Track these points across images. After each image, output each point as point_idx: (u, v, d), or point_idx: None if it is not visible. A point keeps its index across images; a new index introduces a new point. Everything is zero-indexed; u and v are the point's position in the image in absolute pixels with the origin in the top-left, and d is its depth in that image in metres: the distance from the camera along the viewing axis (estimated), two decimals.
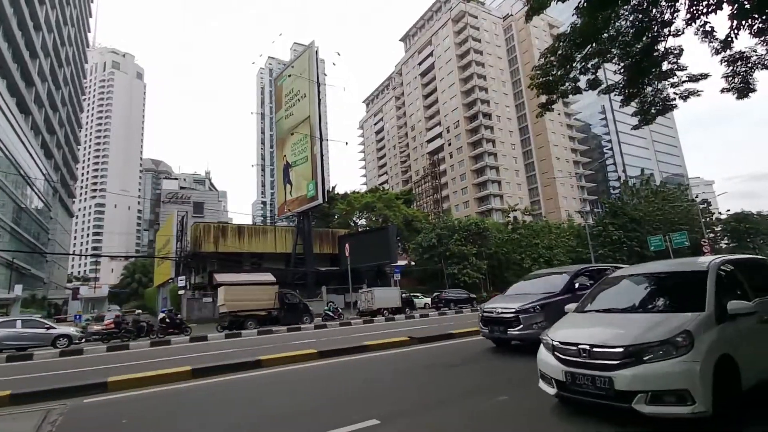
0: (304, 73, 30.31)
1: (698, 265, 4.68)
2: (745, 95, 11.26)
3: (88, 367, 9.92)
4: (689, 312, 3.92)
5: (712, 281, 4.20)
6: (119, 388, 6.52)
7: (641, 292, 4.85)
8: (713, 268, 4.39)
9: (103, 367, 9.56)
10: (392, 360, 8.34)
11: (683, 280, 4.66)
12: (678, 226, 46.61)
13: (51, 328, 16.81)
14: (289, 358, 8.42)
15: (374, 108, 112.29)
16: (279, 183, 32.47)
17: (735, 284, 4.50)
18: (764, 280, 5.10)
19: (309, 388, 6.35)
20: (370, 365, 7.88)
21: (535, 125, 77.82)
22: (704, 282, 4.20)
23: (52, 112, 58.75)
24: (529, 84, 11.32)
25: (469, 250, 35.79)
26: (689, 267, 4.90)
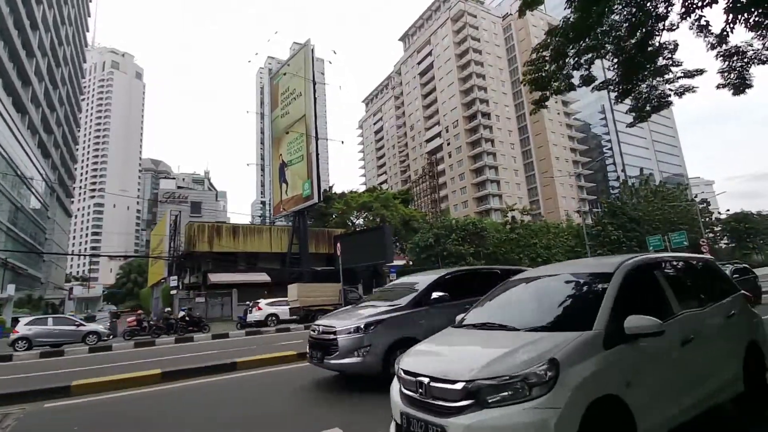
0: (299, 71, 30.15)
1: (607, 266, 3.53)
2: (741, 91, 11.04)
3: (114, 362, 10.03)
4: (574, 331, 2.82)
5: (614, 288, 3.12)
6: (82, 392, 6.27)
7: (533, 300, 3.75)
8: (621, 271, 3.31)
9: (129, 362, 9.69)
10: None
11: (585, 286, 3.51)
12: (677, 226, 46.43)
13: (81, 325, 17.36)
14: (268, 360, 8.20)
15: (373, 108, 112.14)
16: (275, 182, 32.33)
17: (652, 293, 3.47)
18: (704, 288, 4.05)
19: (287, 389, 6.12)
20: None
21: (535, 125, 77.61)
22: (604, 289, 3.16)
23: (49, 112, 58.58)
24: (521, 80, 11.11)
25: (466, 249, 35.58)
26: (597, 268, 3.71)
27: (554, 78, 11.30)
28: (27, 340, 15.63)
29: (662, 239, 43.10)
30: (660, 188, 56.76)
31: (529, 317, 3.43)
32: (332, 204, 40.71)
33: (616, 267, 3.37)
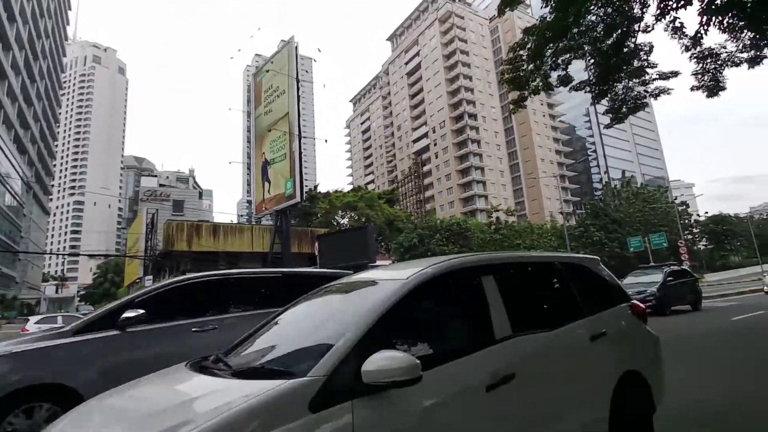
0: (283, 69, 29.75)
1: (407, 271, 2.29)
2: (715, 94, 11.15)
3: None
4: (283, 377, 1.69)
5: (379, 307, 1.97)
6: None
7: (291, 323, 2.53)
8: (415, 279, 2.18)
9: None
10: None
11: (362, 301, 2.24)
12: (657, 228, 47.25)
13: None
14: None
15: (361, 107, 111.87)
16: (257, 181, 31.88)
17: (466, 312, 2.47)
18: (566, 301, 3.02)
19: None
20: None
21: (521, 126, 78.31)
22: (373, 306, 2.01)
23: (26, 106, 56.92)
24: (499, 80, 11.05)
25: (450, 250, 35.58)
26: (396, 275, 2.38)
27: (532, 78, 11.28)
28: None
29: (642, 240, 43.82)
30: (641, 190, 57.73)
31: (263, 351, 2.25)
32: (317, 203, 40.37)
33: (411, 274, 2.22)
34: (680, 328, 10.81)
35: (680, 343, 7.86)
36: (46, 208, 76.27)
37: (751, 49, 9.92)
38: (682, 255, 36.99)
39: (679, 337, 8.82)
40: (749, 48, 9.89)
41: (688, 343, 8.27)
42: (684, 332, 10.00)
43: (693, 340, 8.98)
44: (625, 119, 12.56)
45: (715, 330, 10.24)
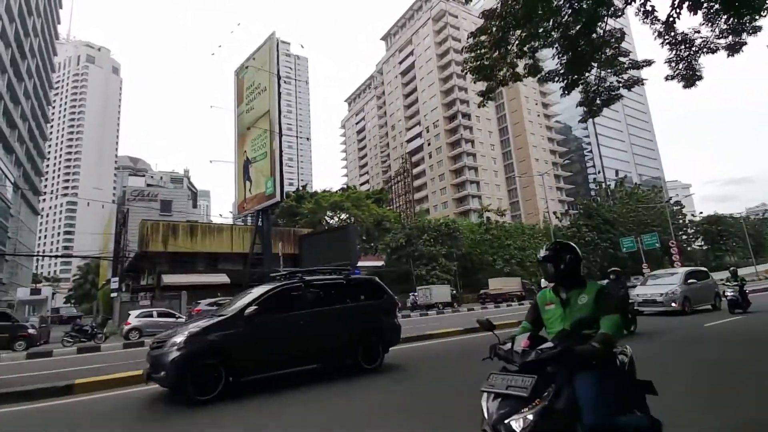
0: (264, 65, 29.07)
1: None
2: (691, 83, 10.47)
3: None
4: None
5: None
6: None
7: None
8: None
9: None
10: None
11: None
12: (651, 228, 46.65)
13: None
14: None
15: (356, 107, 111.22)
16: (239, 180, 31.16)
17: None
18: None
19: None
20: None
21: (515, 126, 77.72)
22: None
23: (12, 105, 56.06)
24: (462, 69, 10.37)
25: (438, 250, 34.92)
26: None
27: (497, 67, 10.61)
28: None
29: (635, 241, 43.20)
30: (635, 190, 57.16)
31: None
32: (304, 203, 39.65)
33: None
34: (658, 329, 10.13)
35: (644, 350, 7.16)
36: (36, 209, 75.40)
37: (729, 34, 9.25)
38: (674, 255, 36.36)
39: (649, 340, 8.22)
40: (727, 33, 9.22)
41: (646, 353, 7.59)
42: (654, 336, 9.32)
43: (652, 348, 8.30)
44: (599, 112, 11.91)
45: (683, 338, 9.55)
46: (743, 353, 7.21)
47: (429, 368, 7.35)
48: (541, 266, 2.62)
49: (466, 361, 7.28)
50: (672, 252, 36.32)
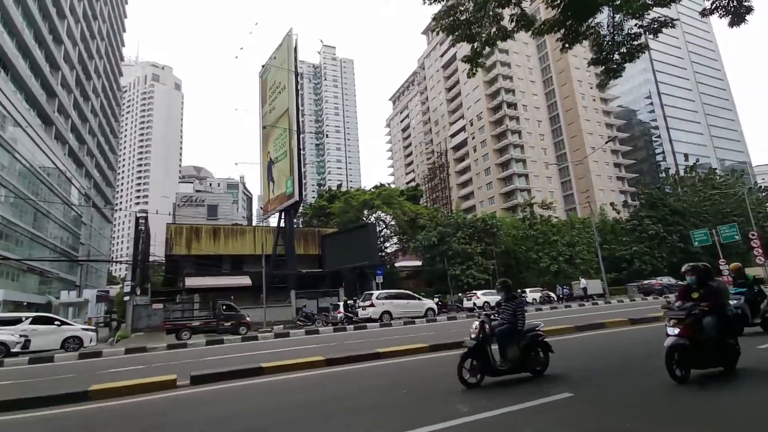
0: (284, 63, 28.68)
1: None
2: (740, 20, 7.84)
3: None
4: None
5: None
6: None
7: None
8: None
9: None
10: None
11: None
12: (730, 218, 40.49)
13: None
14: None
15: (400, 105, 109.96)
16: (264, 181, 31.14)
17: None
18: None
19: None
20: None
21: (567, 113, 72.02)
22: None
23: (81, 122, 61.33)
24: (433, 27, 8.56)
25: (474, 248, 32.51)
26: None
27: (478, 22, 8.66)
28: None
29: (709, 233, 37.62)
30: (710, 176, 50.10)
31: None
32: (336, 203, 38.97)
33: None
34: None
35: None
36: (108, 217, 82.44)
37: None
38: (755, 250, 30.78)
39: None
40: None
41: None
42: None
43: None
44: (621, 71, 9.43)
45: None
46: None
47: None
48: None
49: None
50: (753, 246, 30.84)
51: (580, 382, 5.66)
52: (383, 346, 9.68)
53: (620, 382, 5.64)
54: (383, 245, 42.86)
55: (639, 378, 5.75)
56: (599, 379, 5.86)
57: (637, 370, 6.36)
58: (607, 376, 6.05)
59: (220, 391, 6.67)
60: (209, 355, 11.77)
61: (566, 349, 8.28)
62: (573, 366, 6.65)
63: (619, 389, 5.21)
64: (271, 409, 5.41)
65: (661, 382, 5.07)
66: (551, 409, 4.40)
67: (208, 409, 5.60)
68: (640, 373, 6.11)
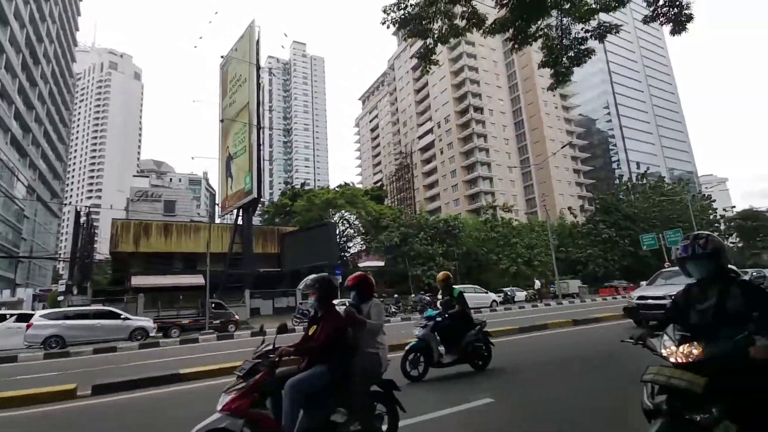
0: (245, 56, 27.77)
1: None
2: (681, 28, 8.07)
3: None
4: None
5: None
6: None
7: None
8: None
9: None
10: None
11: None
12: (675, 224, 42.79)
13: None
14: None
15: (369, 105, 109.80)
16: (222, 176, 30.02)
17: None
18: None
19: None
20: None
21: (531, 119, 74.19)
22: None
23: (25, 109, 57.20)
24: (383, 20, 8.34)
25: (435, 249, 32.70)
26: None
27: (429, 17, 8.51)
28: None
29: (657, 238, 39.63)
30: (659, 184, 52.98)
31: None
32: (298, 201, 38.21)
33: None
34: None
35: None
36: (55, 211, 77.28)
37: None
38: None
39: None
40: None
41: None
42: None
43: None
44: (570, 75, 9.58)
45: None
46: None
47: None
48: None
49: None
50: None
51: (503, 388, 5.49)
52: None
53: (542, 386, 5.48)
54: (346, 245, 42.45)
55: (561, 381, 5.69)
56: (522, 384, 5.71)
57: (562, 372, 6.34)
58: (530, 380, 5.94)
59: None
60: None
61: (503, 350, 8.26)
62: (504, 368, 6.56)
63: (541, 393, 5.08)
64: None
65: (581, 387, 5.03)
66: (466, 417, 4.22)
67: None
68: (569, 374, 6.10)
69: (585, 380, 5.62)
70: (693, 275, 2.53)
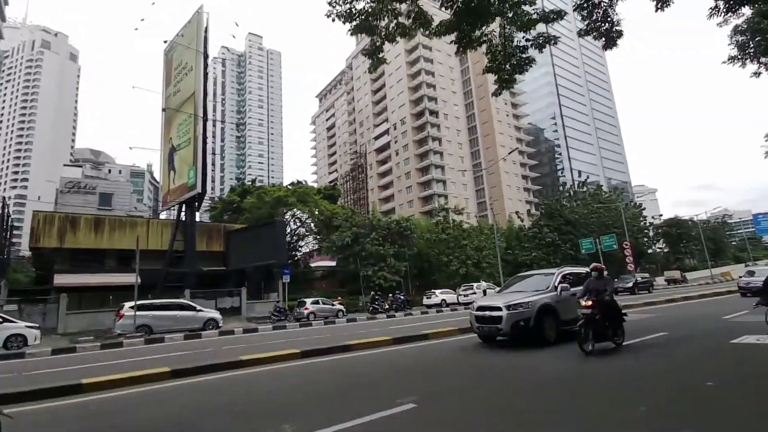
0: (192, 43, 26.34)
1: None
2: (612, 43, 8.49)
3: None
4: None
5: None
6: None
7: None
8: None
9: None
10: None
11: None
12: (611, 230, 45.83)
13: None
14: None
15: (326, 103, 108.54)
16: (164, 169, 28.26)
17: None
18: None
19: None
20: None
21: (484, 125, 76.60)
22: None
23: None
24: (327, 12, 8.10)
25: (386, 250, 32.77)
26: None
27: (376, 14, 8.38)
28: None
29: (594, 242, 42.19)
30: (597, 192, 56.58)
31: None
32: (248, 198, 36.83)
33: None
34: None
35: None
36: None
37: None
38: (627, 257, 35.36)
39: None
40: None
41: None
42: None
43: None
44: (513, 82, 9.80)
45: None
46: None
47: None
48: None
49: None
50: (626, 254, 35.33)
51: (426, 392, 5.18)
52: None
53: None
54: (298, 244, 41.58)
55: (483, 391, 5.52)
56: (444, 390, 5.42)
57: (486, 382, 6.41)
58: (451, 388, 5.57)
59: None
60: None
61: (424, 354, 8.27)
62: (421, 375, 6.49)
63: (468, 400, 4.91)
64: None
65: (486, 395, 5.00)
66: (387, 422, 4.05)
67: None
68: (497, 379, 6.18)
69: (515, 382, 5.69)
70: None
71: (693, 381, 5.19)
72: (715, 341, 8.18)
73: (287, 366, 7.91)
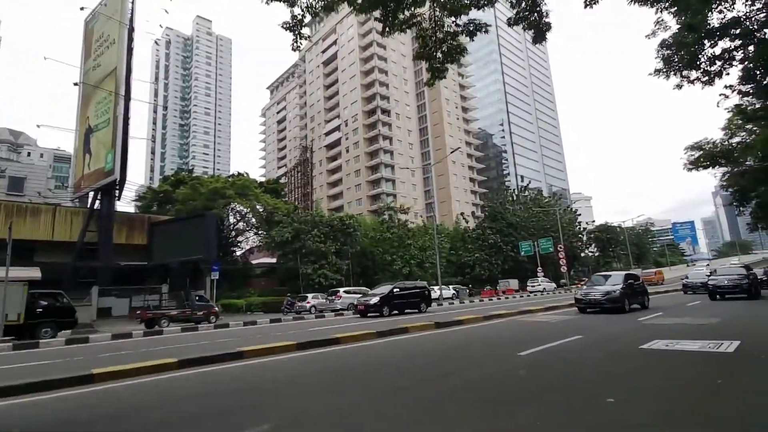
0: (116, 14, 23.82)
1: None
2: (541, 37, 8.22)
3: None
4: None
5: None
6: None
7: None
8: None
9: None
10: None
11: None
12: (549, 233, 47.84)
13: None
14: None
15: (278, 95, 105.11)
16: (79, 152, 25.35)
17: None
18: None
19: None
20: None
21: (435, 127, 77.52)
22: None
23: None
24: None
25: (328, 247, 31.77)
26: None
27: None
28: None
29: (533, 245, 43.72)
30: (538, 196, 59.04)
31: None
32: (182, 188, 34.23)
33: None
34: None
35: None
36: None
37: None
38: (561, 260, 37.01)
39: None
40: None
41: None
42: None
43: None
44: (444, 71, 9.27)
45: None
46: None
47: None
48: None
49: None
50: (559, 257, 36.95)
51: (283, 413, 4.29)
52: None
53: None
54: (237, 240, 39.45)
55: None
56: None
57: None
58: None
59: None
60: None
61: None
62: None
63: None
64: None
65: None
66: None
67: None
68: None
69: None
70: None
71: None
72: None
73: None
